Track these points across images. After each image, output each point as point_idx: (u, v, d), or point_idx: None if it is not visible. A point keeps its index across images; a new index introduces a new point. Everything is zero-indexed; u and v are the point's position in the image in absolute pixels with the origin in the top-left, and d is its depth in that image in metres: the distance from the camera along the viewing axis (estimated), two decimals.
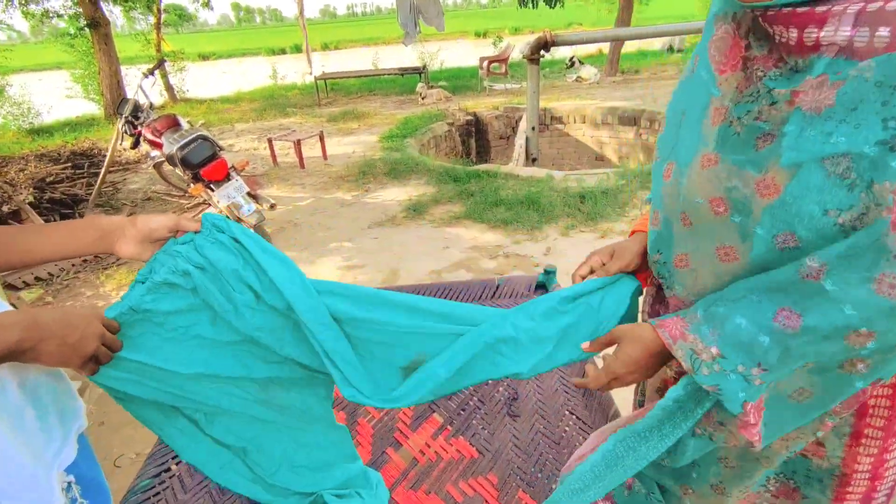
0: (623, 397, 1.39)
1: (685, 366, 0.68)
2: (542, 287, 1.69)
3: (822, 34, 0.56)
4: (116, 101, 9.25)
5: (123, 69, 9.60)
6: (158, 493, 1.05)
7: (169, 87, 11.13)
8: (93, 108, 10.99)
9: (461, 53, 19.75)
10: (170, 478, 1.08)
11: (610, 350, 0.80)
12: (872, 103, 0.54)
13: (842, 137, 0.56)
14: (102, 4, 9.08)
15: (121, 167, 5.95)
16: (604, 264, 0.89)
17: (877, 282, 0.55)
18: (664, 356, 0.74)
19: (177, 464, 1.11)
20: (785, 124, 0.61)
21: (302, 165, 5.53)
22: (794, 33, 0.59)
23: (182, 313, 0.75)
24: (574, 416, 1.18)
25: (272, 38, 53.92)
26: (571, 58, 11.87)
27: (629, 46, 14.19)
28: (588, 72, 10.24)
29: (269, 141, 5.73)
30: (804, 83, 0.59)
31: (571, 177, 4.40)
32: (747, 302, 0.66)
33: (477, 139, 7.97)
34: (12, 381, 0.67)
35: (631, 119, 7.16)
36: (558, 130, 7.79)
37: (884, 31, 0.53)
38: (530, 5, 5.47)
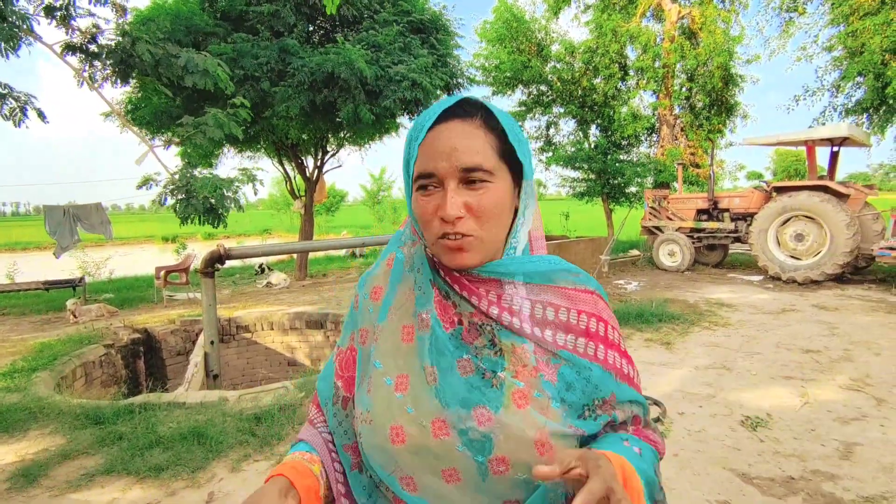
0: None
1: None
2: None
3: None
4: None
5: None
6: None
7: None
8: None
9: (145, 260, 18.15)
10: None
11: None
12: None
13: None
14: None
15: None
16: None
17: None
18: None
19: None
20: None
21: None
22: None
23: None
24: None
25: None
26: (261, 264, 12.20)
27: (317, 252, 15.57)
28: (277, 277, 10.58)
29: None
30: None
31: (247, 396, 4.08)
32: None
33: (148, 360, 6.93)
34: None
35: (318, 322, 7.45)
36: (246, 339, 7.47)
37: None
38: (191, 223, 5.50)
